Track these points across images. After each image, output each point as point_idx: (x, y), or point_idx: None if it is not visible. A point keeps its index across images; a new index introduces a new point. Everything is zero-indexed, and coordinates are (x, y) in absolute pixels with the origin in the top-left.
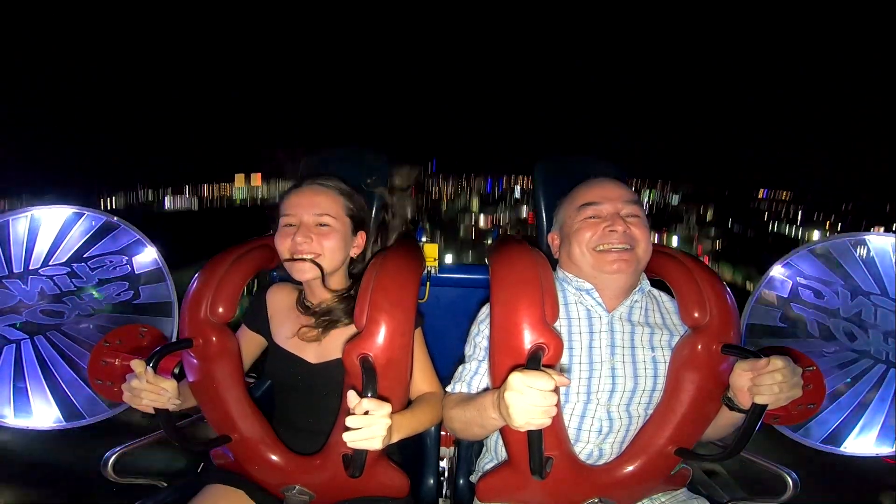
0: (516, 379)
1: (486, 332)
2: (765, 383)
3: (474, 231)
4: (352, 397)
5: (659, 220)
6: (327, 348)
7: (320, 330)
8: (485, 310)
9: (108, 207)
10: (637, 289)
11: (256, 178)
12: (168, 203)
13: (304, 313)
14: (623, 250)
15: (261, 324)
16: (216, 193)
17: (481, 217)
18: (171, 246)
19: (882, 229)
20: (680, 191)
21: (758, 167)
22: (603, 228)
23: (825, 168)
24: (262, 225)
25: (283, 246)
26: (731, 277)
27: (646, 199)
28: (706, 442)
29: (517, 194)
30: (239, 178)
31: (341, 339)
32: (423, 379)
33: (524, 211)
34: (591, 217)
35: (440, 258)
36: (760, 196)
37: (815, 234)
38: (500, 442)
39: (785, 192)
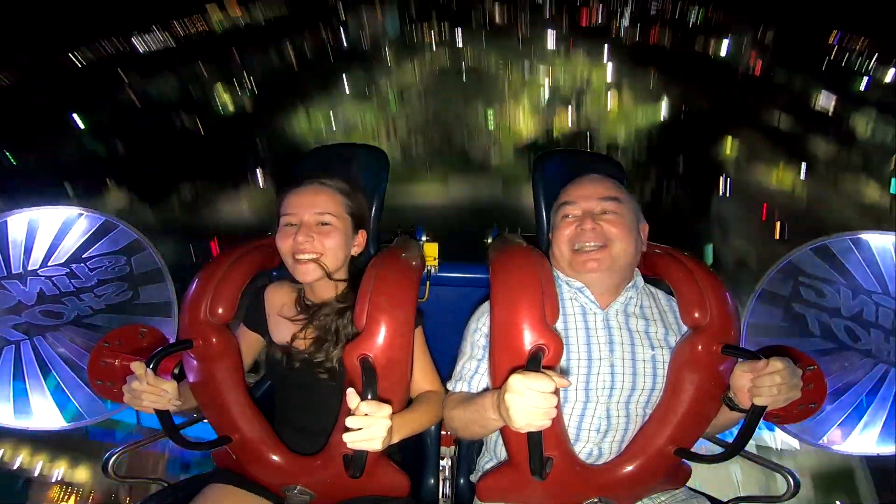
0: (516, 381)
1: (486, 330)
2: (764, 384)
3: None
4: (352, 398)
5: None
6: (326, 346)
7: (319, 336)
8: (483, 307)
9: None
10: (630, 284)
11: (233, 5)
12: (139, 46)
13: (303, 313)
14: (596, 248)
15: (259, 323)
16: (191, 30)
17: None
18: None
19: None
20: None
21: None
22: (575, 228)
23: None
24: None
25: (285, 246)
26: None
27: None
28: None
29: None
30: (213, 9)
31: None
32: (423, 378)
33: None
34: (567, 216)
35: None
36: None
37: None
38: (500, 442)
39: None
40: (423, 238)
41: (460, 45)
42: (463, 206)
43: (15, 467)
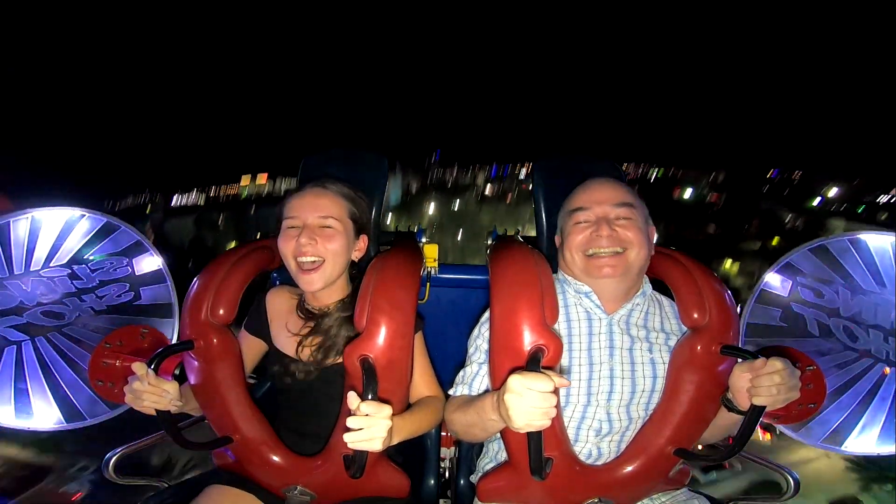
0: (516, 381)
1: (487, 333)
2: (763, 385)
3: (480, 196)
4: (352, 399)
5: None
6: (328, 350)
7: (320, 340)
8: (486, 315)
9: (115, 209)
10: (639, 292)
11: (262, 178)
12: (176, 201)
13: (305, 318)
14: (612, 255)
15: (261, 328)
16: (223, 192)
17: (487, 187)
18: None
19: None
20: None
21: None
22: (590, 233)
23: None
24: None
25: (287, 248)
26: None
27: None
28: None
29: (522, 175)
30: (245, 179)
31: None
32: (423, 383)
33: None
34: (580, 222)
35: (438, 257)
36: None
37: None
38: (499, 445)
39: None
40: (423, 239)
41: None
42: None
43: None
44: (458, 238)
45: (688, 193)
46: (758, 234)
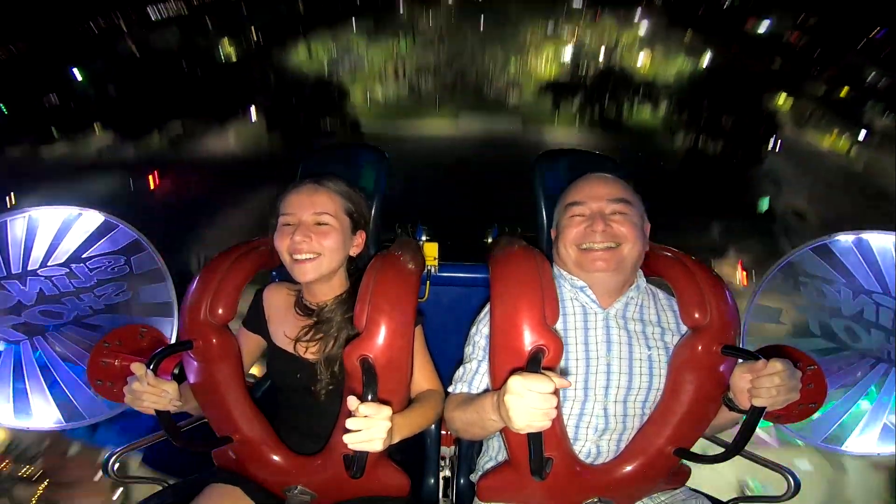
0: (516, 382)
1: (486, 331)
2: (763, 386)
3: None
4: (352, 400)
5: None
6: (326, 346)
7: (319, 337)
8: (485, 309)
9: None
10: (633, 286)
11: None
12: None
13: (303, 314)
14: (606, 249)
15: (259, 325)
16: None
17: None
18: None
19: None
20: None
21: None
22: (585, 227)
23: None
24: None
25: (282, 245)
26: None
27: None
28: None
29: None
30: None
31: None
32: (423, 376)
33: None
34: (575, 216)
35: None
36: None
37: None
38: (499, 444)
39: None
40: (423, 238)
41: None
42: (475, 140)
43: None
44: None
45: (763, 27)
46: (828, 81)
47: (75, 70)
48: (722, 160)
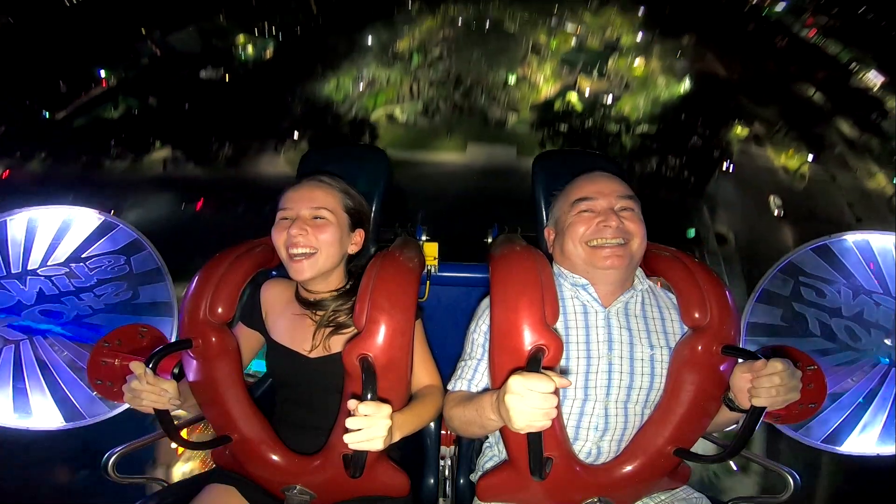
0: (516, 382)
1: (485, 328)
2: (763, 386)
3: None
4: (352, 401)
5: None
6: (326, 343)
7: (326, 331)
8: (483, 305)
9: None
10: (634, 284)
11: None
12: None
13: (304, 307)
14: (617, 245)
15: (256, 321)
16: None
17: None
18: None
19: None
20: None
21: None
22: (597, 223)
23: None
24: None
25: (279, 239)
26: None
27: None
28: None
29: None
30: None
31: (340, 335)
32: (423, 371)
33: None
34: (584, 212)
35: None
36: None
37: None
38: (496, 440)
39: None
40: (423, 238)
41: None
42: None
43: None
44: None
45: (780, 5)
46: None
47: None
48: (674, 184)
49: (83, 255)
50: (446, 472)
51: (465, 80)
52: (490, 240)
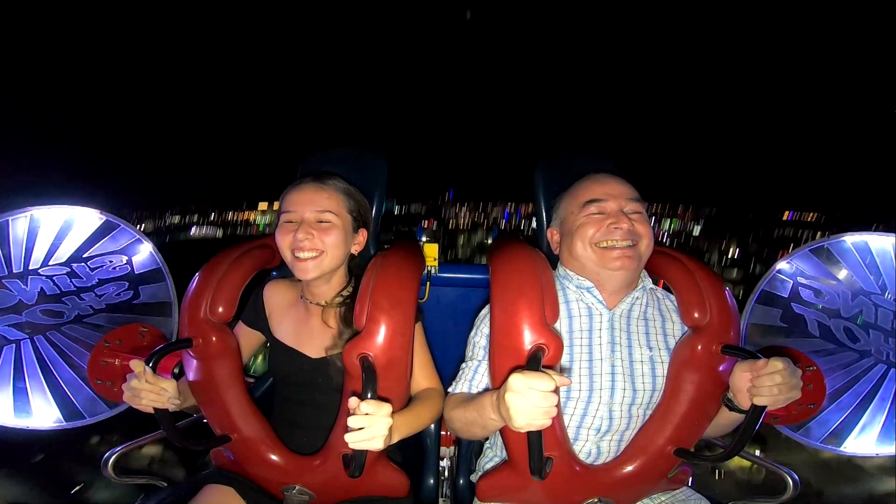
0: (516, 380)
1: (485, 331)
2: (763, 385)
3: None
4: (353, 400)
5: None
6: (327, 343)
7: (336, 331)
8: (483, 312)
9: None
10: (639, 286)
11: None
12: (195, 231)
13: (304, 310)
14: (627, 247)
15: (259, 321)
16: (240, 218)
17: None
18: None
19: None
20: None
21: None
22: (608, 225)
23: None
24: None
25: (284, 243)
26: None
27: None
28: (707, 440)
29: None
30: (263, 205)
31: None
32: (422, 374)
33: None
34: (595, 213)
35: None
36: (786, 217)
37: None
38: (496, 441)
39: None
40: (423, 238)
41: None
42: None
43: None
44: None
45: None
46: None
47: None
48: None
49: (84, 255)
50: (446, 473)
51: None
52: (490, 240)
